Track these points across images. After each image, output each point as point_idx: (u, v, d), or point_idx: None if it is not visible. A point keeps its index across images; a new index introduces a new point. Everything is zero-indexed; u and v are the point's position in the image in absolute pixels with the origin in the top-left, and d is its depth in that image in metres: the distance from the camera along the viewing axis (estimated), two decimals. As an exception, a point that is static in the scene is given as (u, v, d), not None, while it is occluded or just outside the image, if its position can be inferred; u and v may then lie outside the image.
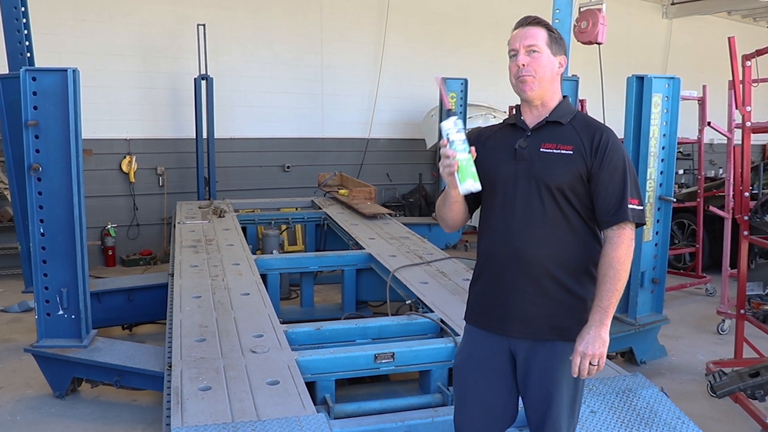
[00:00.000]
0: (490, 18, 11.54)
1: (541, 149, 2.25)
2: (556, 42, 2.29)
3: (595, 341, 2.17)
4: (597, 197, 2.22)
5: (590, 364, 2.18)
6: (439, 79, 2.51)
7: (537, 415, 2.33)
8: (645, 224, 2.30)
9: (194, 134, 8.92)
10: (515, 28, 2.31)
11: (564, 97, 2.36)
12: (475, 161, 2.15)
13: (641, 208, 2.22)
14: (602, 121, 2.38)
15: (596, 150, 2.21)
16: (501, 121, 2.47)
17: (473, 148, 2.15)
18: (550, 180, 2.18)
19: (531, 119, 2.33)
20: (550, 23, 2.33)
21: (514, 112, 2.41)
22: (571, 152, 2.20)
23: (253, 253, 5.84)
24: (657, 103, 4.89)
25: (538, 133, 2.28)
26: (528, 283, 2.26)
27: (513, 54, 2.28)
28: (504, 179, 2.28)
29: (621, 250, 2.19)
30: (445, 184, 2.25)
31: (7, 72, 5.65)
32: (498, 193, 2.29)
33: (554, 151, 2.23)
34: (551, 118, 2.28)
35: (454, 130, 2.13)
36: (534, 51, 2.24)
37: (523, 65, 2.25)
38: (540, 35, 2.26)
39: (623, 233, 2.19)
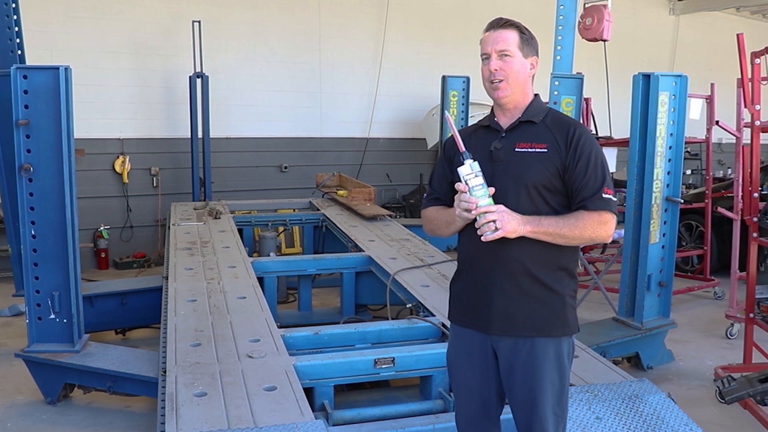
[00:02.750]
0: (493, 14, 11.18)
1: (516, 149, 2.31)
2: (528, 43, 2.34)
3: (512, 217, 2.17)
4: (574, 189, 2.27)
5: (492, 221, 2.14)
6: (449, 117, 2.51)
7: (523, 415, 2.35)
8: (617, 214, 2.35)
9: (189, 134, 8.83)
10: (486, 30, 2.37)
11: (535, 95, 2.41)
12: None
13: (615, 199, 2.30)
14: (608, 120, 2.37)
15: (570, 144, 2.28)
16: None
17: (492, 189, 2.19)
18: (528, 179, 2.24)
19: (505, 120, 2.39)
20: (522, 24, 2.37)
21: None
22: (546, 150, 2.27)
23: (250, 255, 5.82)
24: (664, 102, 4.85)
25: (512, 134, 2.34)
26: (506, 281, 2.30)
27: (485, 58, 2.34)
28: None
29: (593, 219, 2.23)
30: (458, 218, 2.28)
31: (-3, 70, 5.57)
32: None
33: (529, 150, 2.29)
34: (524, 117, 2.35)
35: (471, 175, 2.17)
36: (506, 55, 2.30)
37: (495, 70, 2.30)
38: (511, 38, 2.31)
39: (602, 214, 2.24)
